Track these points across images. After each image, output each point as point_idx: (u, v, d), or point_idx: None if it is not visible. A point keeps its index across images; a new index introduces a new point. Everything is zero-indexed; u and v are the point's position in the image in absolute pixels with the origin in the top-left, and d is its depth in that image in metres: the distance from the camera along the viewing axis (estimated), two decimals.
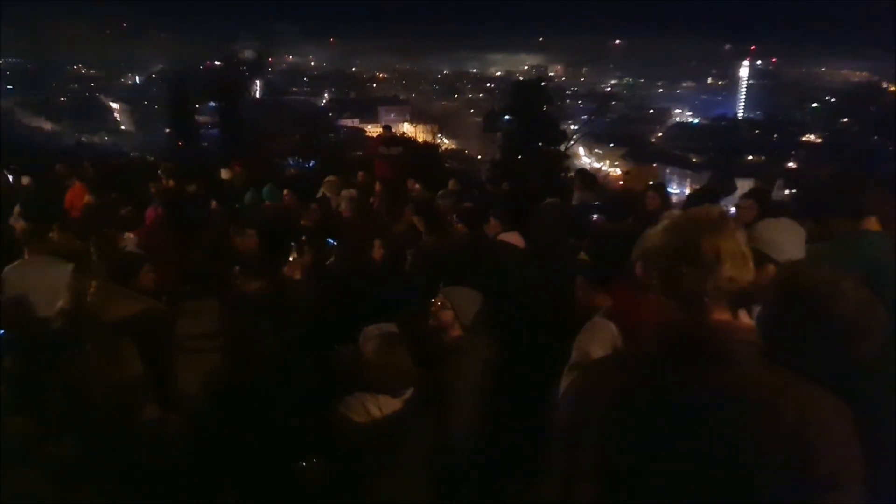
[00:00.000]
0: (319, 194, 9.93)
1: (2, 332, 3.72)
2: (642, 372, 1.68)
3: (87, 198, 10.21)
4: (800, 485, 1.47)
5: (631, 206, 7.63)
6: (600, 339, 3.30)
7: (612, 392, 1.70)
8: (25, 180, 12.37)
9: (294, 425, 3.85)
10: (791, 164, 55.62)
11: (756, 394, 1.54)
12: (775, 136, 72.96)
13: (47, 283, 4.80)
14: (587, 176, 9.02)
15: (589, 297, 4.02)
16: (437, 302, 4.19)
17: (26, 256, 5.55)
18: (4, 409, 3.16)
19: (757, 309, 2.01)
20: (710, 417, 1.54)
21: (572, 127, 31.03)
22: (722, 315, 1.62)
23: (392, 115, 72.01)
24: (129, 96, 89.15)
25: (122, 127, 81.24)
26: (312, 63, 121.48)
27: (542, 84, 22.51)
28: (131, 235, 7.05)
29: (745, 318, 1.66)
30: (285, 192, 9.55)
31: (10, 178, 13.21)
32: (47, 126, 72.17)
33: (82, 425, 3.12)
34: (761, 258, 2.72)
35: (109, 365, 3.23)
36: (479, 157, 46.79)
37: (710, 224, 1.64)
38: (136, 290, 4.68)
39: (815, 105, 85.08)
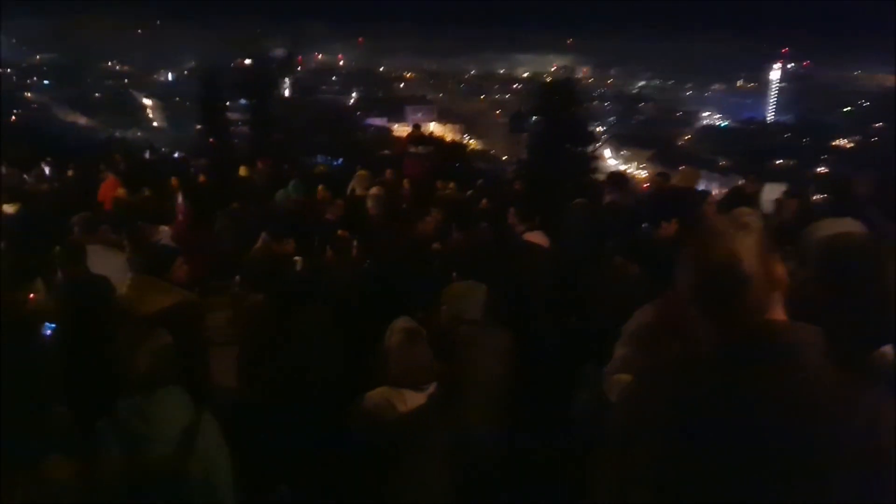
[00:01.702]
0: (350, 189, 10.01)
1: (52, 326, 3.85)
2: (703, 376, 1.65)
3: (120, 191, 10.40)
4: (870, 491, 1.43)
5: (674, 207, 7.55)
6: (642, 320, 3.30)
7: (673, 396, 1.67)
8: (70, 172, 12.63)
9: (321, 418, 3.91)
10: (822, 169, 54.78)
11: (825, 399, 1.51)
12: (806, 140, 71.91)
13: (108, 272, 4.99)
14: (619, 178, 8.99)
15: None
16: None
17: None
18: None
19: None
20: (777, 424, 1.50)
21: (599, 129, 30.86)
22: (778, 316, 1.61)
23: (419, 115, 71.86)
24: (161, 93, 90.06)
25: (155, 123, 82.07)
26: (341, 62, 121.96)
27: (570, 85, 22.31)
28: (166, 228, 7.19)
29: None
30: (319, 187, 9.63)
31: (48, 170, 13.50)
32: (82, 121, 73.18)
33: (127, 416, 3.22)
34: None
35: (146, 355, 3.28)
36: (505, 157, 46.70)
37: (747, 229, 1.62)
38: (169, 283, 4.78)
39: (847, 109, 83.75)
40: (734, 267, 1.59)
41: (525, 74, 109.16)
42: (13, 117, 52.23)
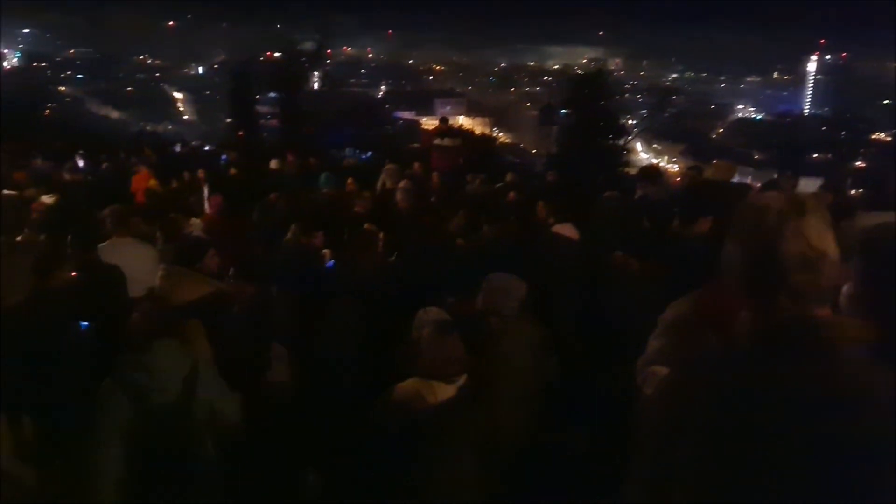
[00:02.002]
0: (380, 183, 10.01)
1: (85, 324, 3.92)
2: (743, 369, 1.60)
3: (152, 183, 10.52)
4: None
5: (708, 202, 7.42)
6: (679, 311, 3.24)
7: (711, 389, 1.62)
8: (103, 165, 12.82)
9: (352, 410, 3.90)
10: (859, 163, 53.80)
11: (867, 395, 1.47)
12: (843, 133, 70.68)
13: (139, 263, 5.09)
14: (652, 171, 8.88)
15: None
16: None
17: (113, 239, 5.86)
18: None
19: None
20: (818, 420, 1.46)
21: (631, 121, 30.56)
22: (823, 311, 1.56)
23: (448, 108, 71.88)
24: (191, 87, 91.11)
25: (185, 117, 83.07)
26: (370, 55, 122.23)
27: (601, 77, 22.12)
28: (197, 221, 7.24)
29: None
30: (349, 180, 9.65)
31: (81, 163, 13.70)
32: (114, 114, 74.30)
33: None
34: None
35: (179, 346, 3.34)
36: (535, 150, 46.51)
37: (812, 209, 1.56)
38: (201, 274, 4.83)
39: (886, 102, 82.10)
40: (797, 249, 1.53)
41: (555, 67, 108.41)
42: (47, 111, 53.19)
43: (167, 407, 3.31)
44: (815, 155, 61.15)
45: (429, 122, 48.72)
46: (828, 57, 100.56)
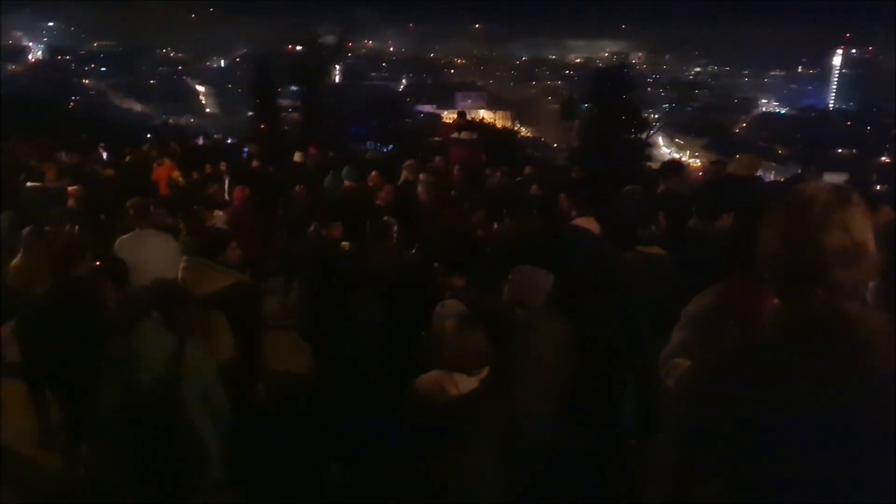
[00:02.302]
0: (401, 178, 10.00)
1: None
2: (769, 362, 1.57)
3: (176, 174, 10.59)
4: None
5: (733, 196, 7.34)
6: (703, 303, 3.22)
7: (736, 382, 1.59)
8: (127, 157, 12.93)
9: (375, 402, 3.91)
10: (884, 159, 53.04)
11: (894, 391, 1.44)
12: (868, 128, 69.70)
13: (160, 254, 5.17)
14: (675, 166, 8.81)
15: None
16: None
17: (136, 230, 5.94)
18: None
19: None
20: (844, 414, 1.45)
21: (653, 116, 30.33)
22: (853, 305, 1.53)
23: (469, 101, 71.73)
24: (213, 79, 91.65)
25: (207, 109, 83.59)
26: (391, 48, 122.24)
27: (623, 71, 21.98)
28: (220, 213, 7.27)
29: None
30: (373, 173, 9.66)
31: (105, 155, 13.84)
32: (137, 107, 74.94)
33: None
34: None
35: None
36: (556, 145, 46.35)
37: (855, 203, 1.53)
38: (223, 266, 4.86)
39: None
40: (839, 241, 1.51)
41: (577, 60, 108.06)
42: (71, 103, 53.75)
43: (154, 385, 3.49)
44: (840, 150, 60.40)
45: (449, 116, 48.73)
46: (853, 51, 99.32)
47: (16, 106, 26.93)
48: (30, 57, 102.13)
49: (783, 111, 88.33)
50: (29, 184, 8.78)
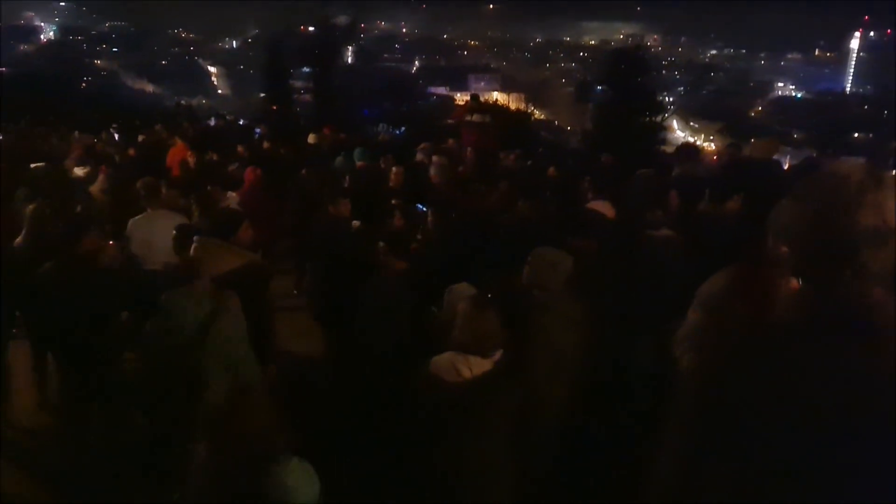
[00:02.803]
0: (416, 160, 9.96)
1: None
2: (784, 345, 1.54)
3: (189, 156, 10.57)
4: None
5: (750, 180, 7.25)
6: (719, 284, 3.17)
7: (749, 364, 1.57)
8: (140, 138, 12.94)
9: (388, 382, 3.90)
10: None
11: None
12: (886, 112, 68.91)
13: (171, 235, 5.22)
14: (690, 149, 8.72)
15: None
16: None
17: (147, 211, 5.97)
18: None
19: None
20: (861, 398, 1.41)
21: (668, 99, 30.12)
22: (879, 291, 1.49)
23: (482, 84, 71.51)
24: (225, 60, 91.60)
25: (219, 91, 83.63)
26: (404, 30, 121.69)
27: (638, 54, 21.78)
28: (233, 194, 7.25)
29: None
30: (388, 157, 9.62)
31: (116, 136, 13.84)
32: (149, 88, 75.05)
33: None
34: None
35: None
36: (569, 127, 46.13)
37: (871, 184, 1.49)
38: (236, 246, 4.88)
39: None
40: (872, 221, 1.47)
41: (592, 42, 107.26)
42: (83, 84, 53.90)
43: (182, 348, 3.75)
44: (857, 134, 59.80)
45: (462, 98, 48.55)
46: (871, 33, 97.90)
47: (28, 86, 27.03)
48: (41, 37, 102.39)
49: (800, 95, 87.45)
50: (42, 164, 8.85)
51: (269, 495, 2.93)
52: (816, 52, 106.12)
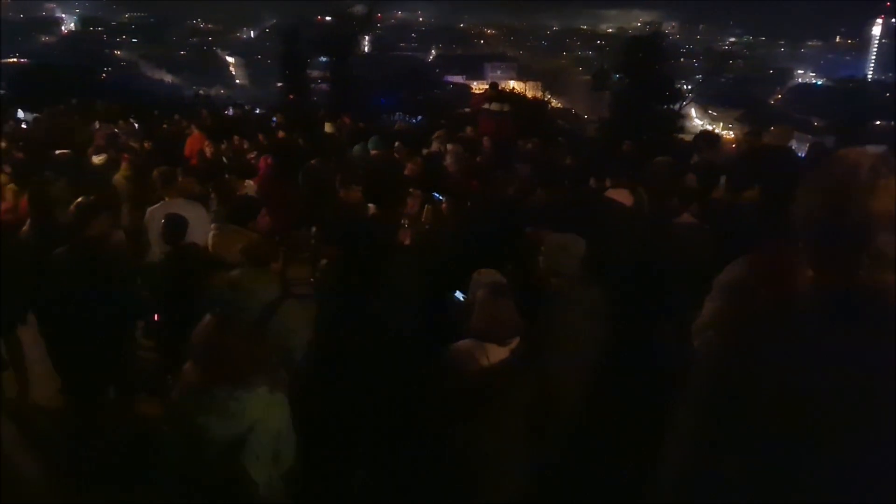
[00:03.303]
0: (431, 149, 9.95)
1: None
2: (799, 333, 1.53)
3: (206, 145, 10.64)
4: None
5: (767, 167, 7.19)
6: (736, 273, 3.15)
7: (764, 352, 1.56)
8: (164, 127, 13.06)
9: (406, 370, 3.92)
10: None
11: None
12: None
13: (191, 224, 5.29)
14: (709, 137, 8.65)
15: None
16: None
17: (165, 200, 6.04)
18: None
19: None
20: (874, 388, 1.41)
21: (686, 87, 29.84)
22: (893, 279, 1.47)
23: (499, 72, 71.24)
24: (243, 50, 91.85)
25: (237, 80, 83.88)
26: (421, 19, 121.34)
27: (656, 41, 21.60)
28: (251, 183, 7.30)
29: None
30: (395, 144, 9.62)
31: (136, 125, 13.96)
32: (168, 78, 75.44)
33: None
34: None
35: None
36: (586, 116, 45.85)
37: (885, 170, 1.47)
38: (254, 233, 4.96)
39: None
40: (885, 207, 1.45)
41: (609, 30, 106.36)
42: (103, 74, 54.28)
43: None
44: (879, 122, 58.98)
45: (479, 87, 48.36)
46: (893, 20, 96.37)
47: (50, 76, 27.27)
48: (63, 28, 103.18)
49: (820, 82, 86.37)
50: (66, 151, 8.98)
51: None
52: (837, 39, 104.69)
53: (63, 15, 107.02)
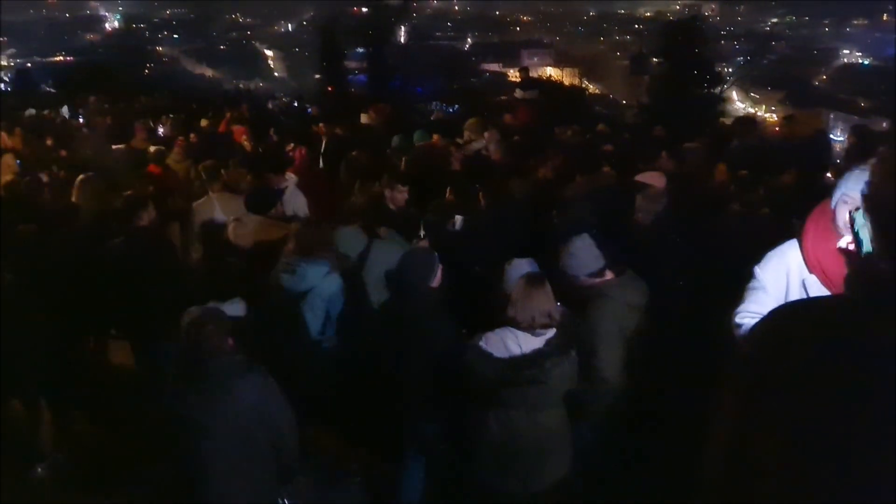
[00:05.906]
0: (464, 138, 9.94)
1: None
2: (846, 321, 1.45)
3: (246, 138, 10.80)
4: None
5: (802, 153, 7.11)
6: (776, 262, 3.13)
7: (808, 341, 1.48)
8: (203, 122, 13.26)
9: (439, 356, 3.96)
10: None
11: None
12: None
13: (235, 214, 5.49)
14: (747, 122, 8.54)
15: None
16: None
17: (211, 194, 6.22)
18: None
19: None
20: None
21: (727, 69, 29.28)
22: None
23: (535, 59, 70.59)
24: (281, 43, 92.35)
25: (276, 73, 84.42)
26: (456, 7, 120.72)
27: (696, 24, 21.23)
28: (293, 175, 7.41)
29: None
30: (435, 136, 9.62)
31: (182, 118, 14.16)
32: (208, 73, 76.28)
33: None
34: None
35: None
36: (624, 101, 45.27)
37: None
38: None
39: None
40: None
41: (647, 14, 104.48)
42: (146, 70, 55.17)
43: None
44: None
45: (515, 74, 48.02)
46: None
47: (95, 73, 27.82)
48: (106, 26, 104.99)
49: (866, 62, 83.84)
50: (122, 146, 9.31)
51: None
52: (884, 17, 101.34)
53: (107, 13, 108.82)
